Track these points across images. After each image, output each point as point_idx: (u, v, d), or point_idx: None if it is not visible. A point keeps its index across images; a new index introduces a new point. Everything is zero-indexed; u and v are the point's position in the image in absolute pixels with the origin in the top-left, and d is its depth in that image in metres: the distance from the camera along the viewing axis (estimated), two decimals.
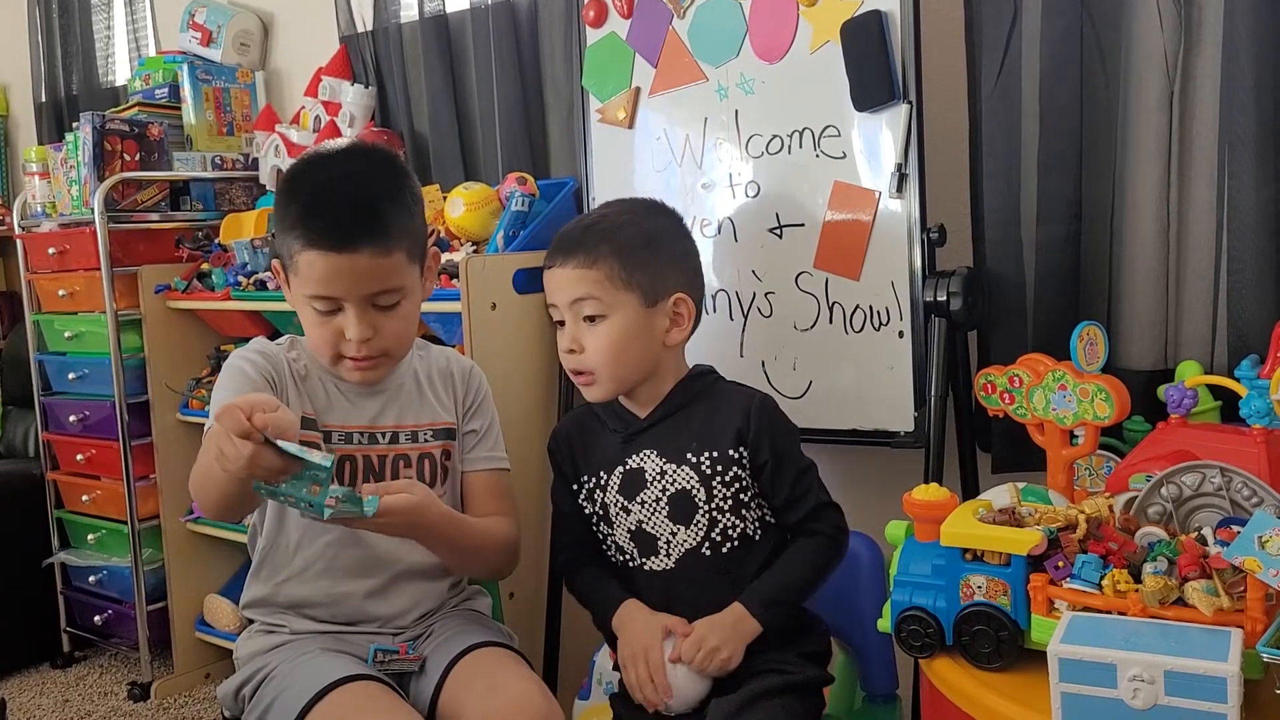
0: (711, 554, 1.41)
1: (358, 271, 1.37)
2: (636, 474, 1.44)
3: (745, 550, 1.42)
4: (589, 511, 1.49)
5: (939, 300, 1.64)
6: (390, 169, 1.47)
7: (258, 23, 3.03)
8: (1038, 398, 1.40)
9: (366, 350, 1.42)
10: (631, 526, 1.44)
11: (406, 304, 1.45)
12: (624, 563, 1.47)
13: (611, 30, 2.01)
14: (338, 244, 1.36)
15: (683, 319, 1.45)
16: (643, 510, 1.43)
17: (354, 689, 1.34)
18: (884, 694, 1.57)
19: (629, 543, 1.45)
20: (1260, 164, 1.53)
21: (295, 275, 1.41)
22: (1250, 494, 1.14)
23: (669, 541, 1.42)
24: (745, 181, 1.87)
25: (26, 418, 3.20)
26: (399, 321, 1.44)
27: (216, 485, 1.27)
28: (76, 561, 2.90)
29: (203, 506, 1.36)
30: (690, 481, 1.41)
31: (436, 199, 2.31)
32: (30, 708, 2.75)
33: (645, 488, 1.43)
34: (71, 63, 3.58)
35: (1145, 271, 1.65)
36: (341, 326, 1.41)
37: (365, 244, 1.36)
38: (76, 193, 2.74)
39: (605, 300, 1.40)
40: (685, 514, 1.41)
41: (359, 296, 1.39)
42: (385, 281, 1.40)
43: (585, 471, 1.49)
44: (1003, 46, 1.73)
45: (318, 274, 1.38)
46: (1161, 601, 1.01)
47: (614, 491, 1.45)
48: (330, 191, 1.40)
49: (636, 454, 1.44)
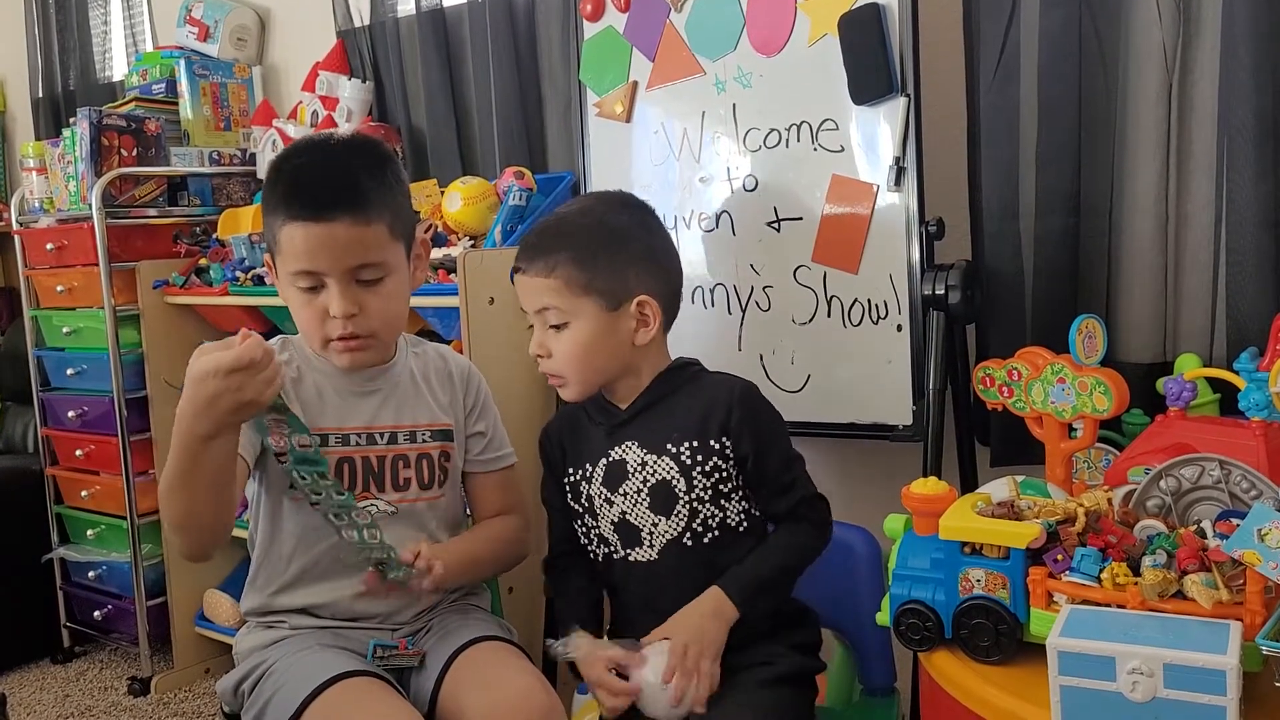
0: (693, 544, 1.40)
1: (336, 242, 1.37)
2: (619, 465, 1.44)
3: (728, 540, 1.41)
4: (574, 505, 1.49)
5: (937, 294, 1.64)
6: (371, 149, 1.49)
7: (255, 17, 3.02)
8: (1036, 391, 1.40)
9: (353, 328, 1.41)
10: (615, 518, 1.44)
11: (391, 282, 1.43)
12: (607, 555, 1.46)
13: (609, 24, 2.00)
14: (316, 214, 1.37)
15: (649, 320, 1.42)
16: (625, 501, 1.43)
17: (352, 684, 1.34)
18: (882, 687, 1.57)
19: (612, 534, 1.45)
20: (1259, 156, 1.53)
21: (280, 255, 1.42)
22: (1249, 487, 1.14)
23: (651, 532, 1.42)
24: (743, 175, 1.87)
25: (25, 413, 3.20)
26: (384, 299, 1.43)
27: (184, 473, 1.26)
28: (76, 557, 2.90)
29: (175, 520, 1.32)
30: (670, 472, 1.40)
31: (434, 194, 2.31)
32: (31, 703, 2.75)
33: (627, 479, 1.43)
34: (69, 58, 3.57)
35: (1144, 264, 1.65)
36: (326, 305, 1.40)
37: (343, 213, 1.37)
38: (74, 188, 2.73)
39: (565, 308, 1.39)
40: (666, 505, 1.40)
41: (340, 270, 1.39)
42: (366, 254, 1.39)
43: (572, 465, 1.49)
44: (1001, 39, 1.72)
45: (298, 247, 1.38)
46: (1160, 594, 1.01)
47: (598, 483, 1.45)
48: (311, 169, 1.43)
49: (619, 445, 1.44)
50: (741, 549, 1.41)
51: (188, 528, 1.33)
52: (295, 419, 1.30)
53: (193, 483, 1.27)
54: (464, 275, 1.93)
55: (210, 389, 1.19)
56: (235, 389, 1.18)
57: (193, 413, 1.21)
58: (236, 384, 1.18)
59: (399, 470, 1.50)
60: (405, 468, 1.50)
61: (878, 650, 1.55)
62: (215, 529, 1.35)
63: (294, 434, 1.30)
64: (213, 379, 1.18)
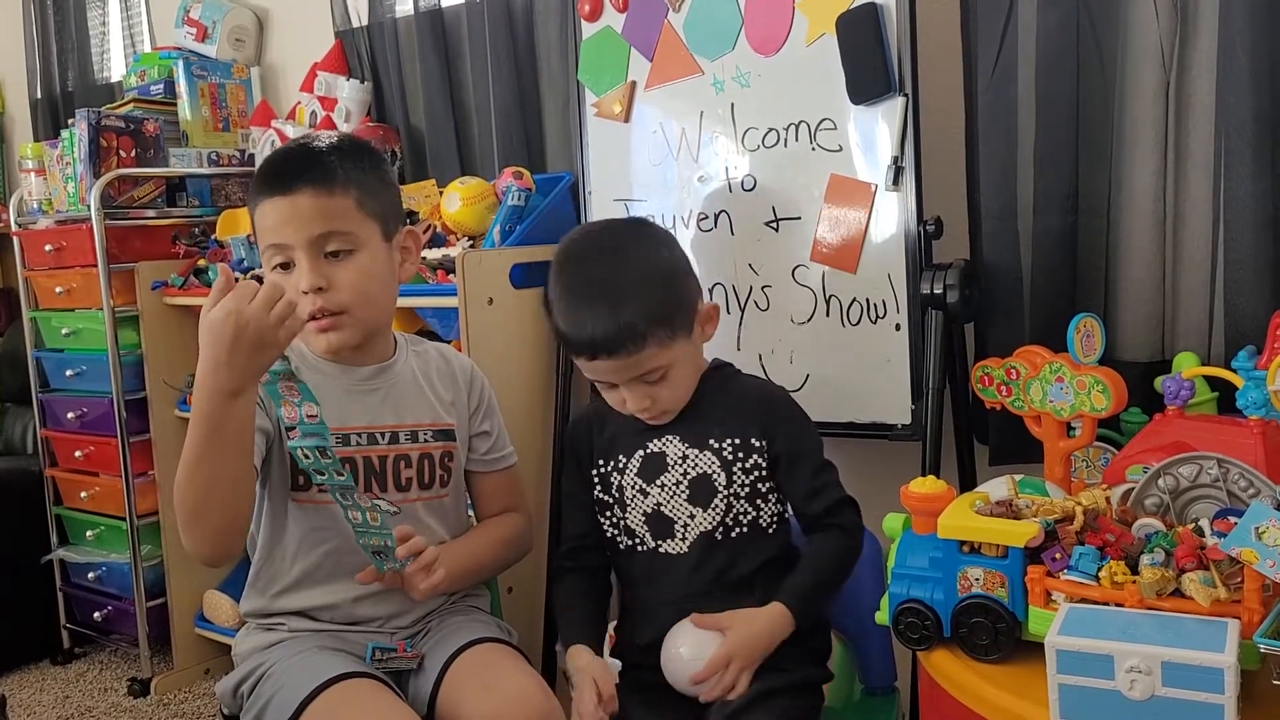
0: (722, 539, 1.43)
1: (299, 211, 1.39)
2: (658, 458, 1.46)
3: (755, 539, 1.44)
4: (602, 496, 1.50)
5: (935, 293, 1.64)
6: (351, 140, 1.53)
7: (253, 18, 3.02)
8: (1035, 390, 1.41)
9: (322, 302, 1.40)
10: (648, 509, 1.45)
11: (362, 257, 1.43)
12: (631, 546, 1.47)
13: (607, 24, 2.00)
14: (281, 187, 1.40)
15: (715, 321, 1.49)
16: (662, 493, 1.45)
17: (350, 686, 1.34)
18: (882, 686, 1.57)
19: (642, 526, 1.46)
20: (1256, 155, 1.52)
21: (257, 239, 1.45)
22: (1247, 485, 1.14)
23: (686, 525, 1.44)
24: (741, 175, 1.87)
25: (25, 415, 3.19)
26: (352, 274, 1.42)
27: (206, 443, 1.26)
28: (75, 558, 2.90)
29: (192, 505, 1.30)
30: (711, 466, 1.43)
31: (433, 194, 2.31)
32: (30, 704, 2.75)
33: (666, 471, 1.45)
34: (67, 59, 3.57)
35: (1142, 263, 1.65)
36: (296, 283, 1.40)
37: (306, 184, 1.40)
38: (73, 189, 2.73)
39: (667, 363, 1.40)
40: (704, 497, 1.43)
41: (305, 240, 1.39)
42: (328, 223, 1.40)
43: (602, 456, 1.50)
44: (999, 38, 1.72)
45: (269, 223, 1.41)
46: (1159, 593, 1.01)
47: (632, 474, 1.47)
48: (284, 152, 1.49)
49: (659, 438, 1.46)
50: (766, 551, 1.44)
51: (205, 512, 1.29)
52: (305, 386, 1.32)
53: (214, 454, 1.26)
54: (463, 275, 1.93)
55: (231, 327, 1.21)
56: (255, 323, 1.21)
57: (214, 365, 1.23)
58: (256, 315, 1.21)
59: (400, 470, 1.50)
60: (406, 467, 1.50)
61: (878, 649, 1.55)
62: (233, 519, 1.32)
63: (304, 402, 1.31)
64: (233, 317, 1.21)
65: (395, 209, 1.52)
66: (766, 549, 1.45)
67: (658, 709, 1.38)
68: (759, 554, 1.44)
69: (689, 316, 1.43)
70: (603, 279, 1.40)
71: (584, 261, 1.44)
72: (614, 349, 1.37)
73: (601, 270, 1.41)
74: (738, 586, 1.42)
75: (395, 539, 1.38)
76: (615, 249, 1.44)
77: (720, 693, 1.34)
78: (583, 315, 1.38)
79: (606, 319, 1.37)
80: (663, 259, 1.44)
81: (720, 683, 1.34)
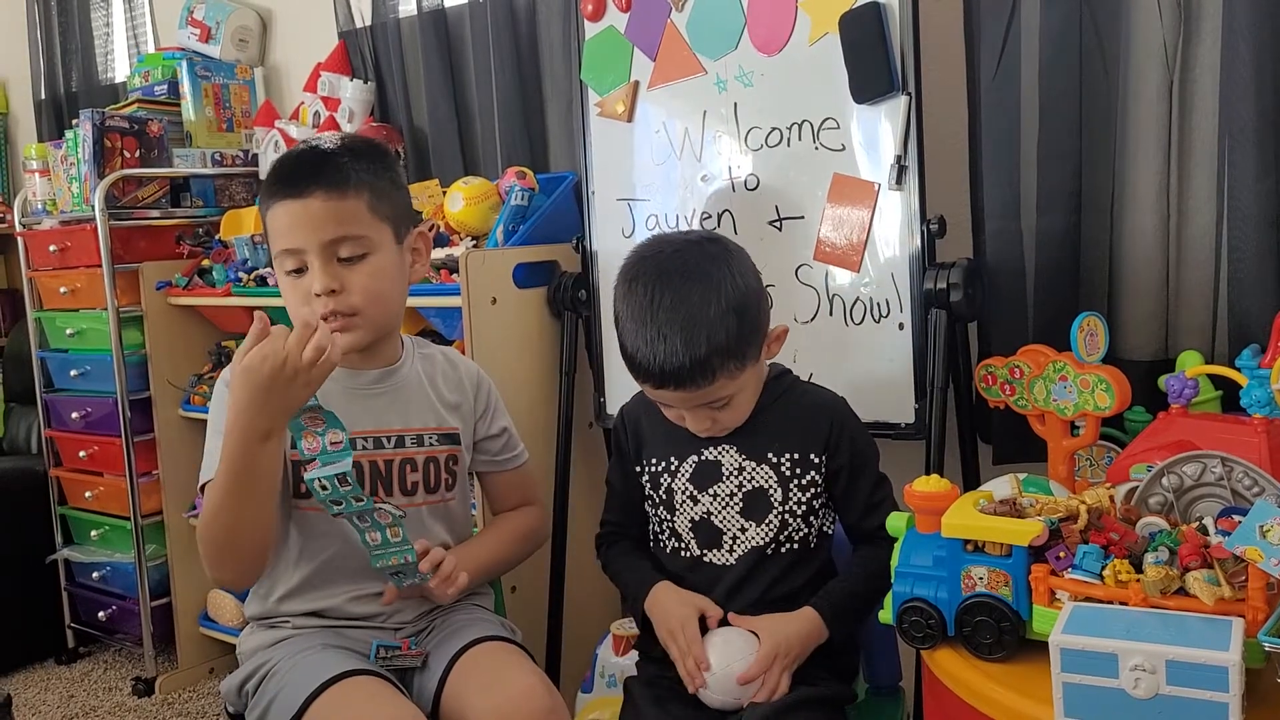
0: (773, 554, 1.42)
1: (312, 215, 1.39)
2: (712, 466, 1.44)
3: (804, 556, 1.43)
4: (652, 494, 1.49)
5: (939, 292, 1.64)
6: (360, 141, 1.52)
7: (256, 18, 3.02)
8: (1038, 389, 1.41)
9: (334, 305, 1.40)
10: (696, 516, 1.44)
11: (375, 260, 1.43)
12: (677, 549, 1.46)
13: (610, 24, 2.00)
14: (294, 190, 1.41)
15: (779, 344, 1.44)
16: (714, 503, 1.43)
17: (355, 683, 1.34)
18: (887, 685, 1.57)
19: (688, 532, 1.45)
20: (1260, 154, 1.52)
21: (270, 243, 1.46)
22: (1251, 483, 1.14)
23: (736, 537, 1.42)
24: (744, 174, 1.87)
25: (29, 414, 3.20)
26: (366, 277, 1.42)
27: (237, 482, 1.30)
28: (80, 558, 2.91)
29: (221, 539, 1.35)
30: (769, 481, 1.41)
31: (436, 194, 2.32)
32: (35, 703, 2.76)
33: (720, 481, 1.43)
34: (71, 60, 3.58)
35: (1145, 262, 1.65)
36: (309, 286, 1.41)
37: (318, 187, 1.40)
38: (77, 190, 2.74)
39: (733, 391, 1.36)
40: (759, 512, 1.41)
41: (318, 244, 1.39)
42: (342, 227, 1.40)
43: (651, 454, 1.49)
44: (1002, 37, 1.72)
45: (281, 226, 1.41)
46: (1163, 591, 1.01)
47: (684, 479, 1.45)
48: (295, 156, 1.48)
49: (714, 446, 1.44)
50: (811, 566, 1.44)
51: (231, 549, 1.35)
52: (331, 414, 1.32)
53: (242, 498, 1.31)
54: (466, 275, 1.94)
55: (268, 369, 1.24)
56: (291, 362, 1.24)
57: (248, 408, 1.26)
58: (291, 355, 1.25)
59: (406, 474, 1.50)
60: (412, 471, 1.50)
61: (882, 648, 1.55)
62: (259, 555, 1.40)
63: (329, 429, 1.32)
64: (270, 360, 1.24)
65: (406, 211, 1.53)
66: (812, 564, 1.44)
67: (665, 706, 1.38)
68: (805, 570, 1.43)
69: (760, 344, 1.38)
70: (676, 307, 1.31)
71: (657, 283, 1.34)
72: (683, 383, 1.32)
73: (675, 296, 1.32)
74: (780, 602, 1.40)
75: (416, 553, 1.40)
76: (690, 273, 1.34)
77: (766, 695, 1.32)
78: (653, 344, 1.31)
79: (679, 352, 1.30)
80: (738, 287, 1.34)
81: (766, 683, 1.32)
